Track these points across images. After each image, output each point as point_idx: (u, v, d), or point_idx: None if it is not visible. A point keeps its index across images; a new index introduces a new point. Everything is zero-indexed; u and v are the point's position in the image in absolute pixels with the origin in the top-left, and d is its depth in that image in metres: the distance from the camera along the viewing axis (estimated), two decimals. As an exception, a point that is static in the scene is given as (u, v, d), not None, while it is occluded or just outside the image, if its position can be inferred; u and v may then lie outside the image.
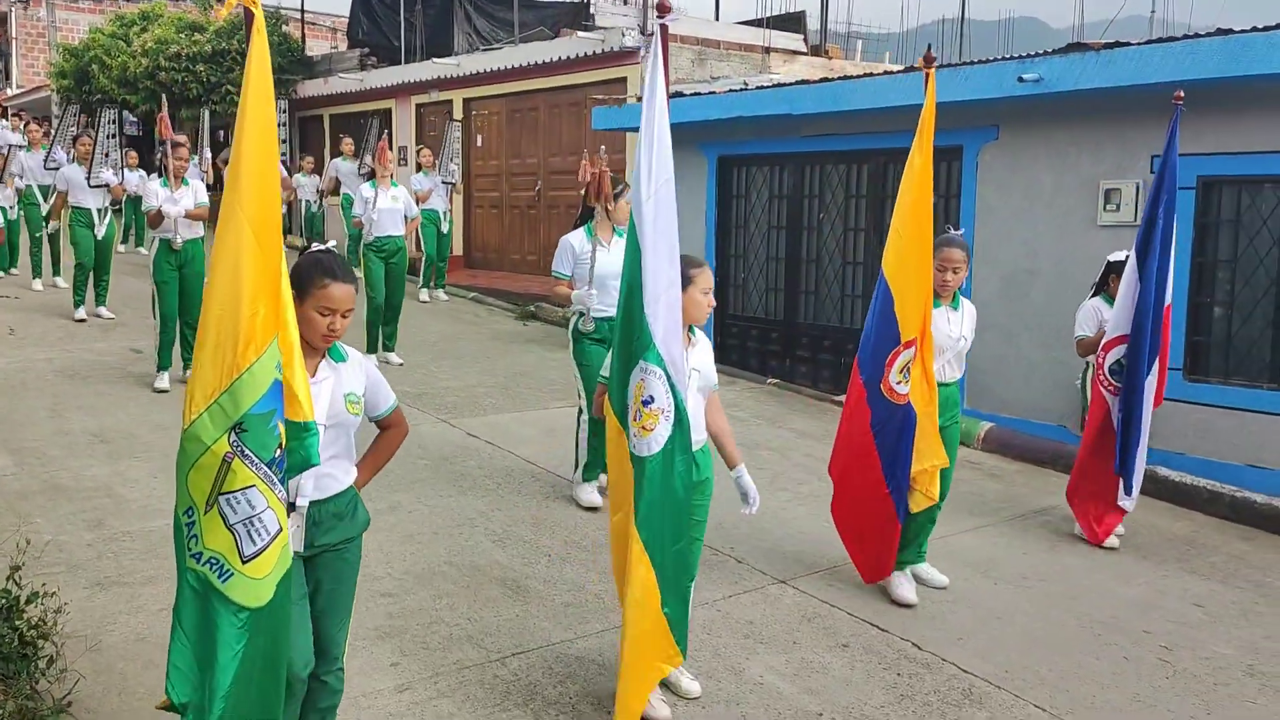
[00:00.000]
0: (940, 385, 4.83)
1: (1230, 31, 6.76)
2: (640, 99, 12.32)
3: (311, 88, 18.22)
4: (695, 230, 11.10)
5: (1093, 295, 6.10)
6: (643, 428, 3.38)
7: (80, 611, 4.17)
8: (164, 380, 7.84)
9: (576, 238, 5.85)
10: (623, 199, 5.80)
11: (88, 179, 10.18)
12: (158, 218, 7.80)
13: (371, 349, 9.12)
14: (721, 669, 4.11)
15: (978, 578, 5.18)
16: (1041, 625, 4.69)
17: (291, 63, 18.53)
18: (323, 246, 3.02)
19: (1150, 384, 5.71)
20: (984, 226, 8.38)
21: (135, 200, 14.02)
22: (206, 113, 13.94)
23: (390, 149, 12.00)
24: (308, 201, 15.03)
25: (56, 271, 12.01)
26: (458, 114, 15.34)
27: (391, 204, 9.16)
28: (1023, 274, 8.08)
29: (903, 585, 4.82)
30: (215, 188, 11.84)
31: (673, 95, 10.88)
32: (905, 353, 4.57)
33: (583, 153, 11.48)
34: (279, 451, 2.70)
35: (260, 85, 2.67)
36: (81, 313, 10.15)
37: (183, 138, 13.20)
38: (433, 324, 11.26)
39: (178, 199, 7.84)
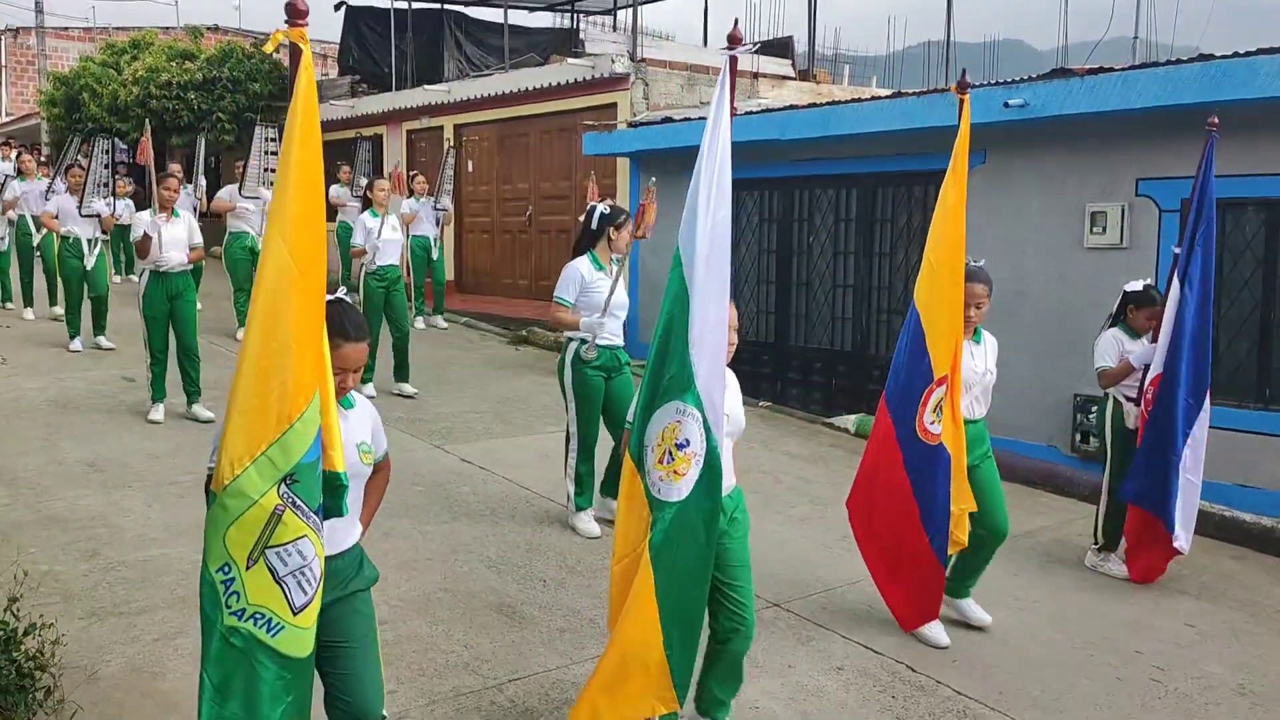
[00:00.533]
0: (968, 422, 4.67)
1: (1210, 57, 6.87)
2: (631, 124, 12.41)
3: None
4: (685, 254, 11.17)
5: (1109, 325, 5.87)
6: (674, 471, 3.23)
7: (77, 642, 4.17)
8: (159, 412, 7.78)
9: (583, 265, 5.79)
10: (625, 229, 5.81)
11: (79, 208, 10.08)
12: (145, 244, 7.65)
13: (366, 379, 8.99)
14: (717, 693, 4.12)
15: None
16: (1034, 646, 4.72)
17: (282, 89, 18.60)
18: (334, 297, 2.92)
19: (1203, 417, 5.41)
20: (972, 249, 8.36)
21: (123, 229, 13.93)
22: (202, 140, 13.89)
23: (403, 176, 11.97)
24: None
25: (53, 301, 11.74)
26: (447, 140, 15.43)
27: (393, 234, 9.06)
28: (1011, 296, 8.15)
29: (933, 626, 4.65)
30: (206, 217, 11.89)
31: (663, 120, 11.01)
32: (938, 390, 4.42)
33: (589, 175, 11.54)
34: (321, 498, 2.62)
35: (307, 124, 2.55)
36: (77, 344, 10.07)
37: (175, 167, 13.20)
38: (424, 349, 11.27)
39: (169, 228, 7.74)
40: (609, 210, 5.92)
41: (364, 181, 13.94)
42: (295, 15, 2.49)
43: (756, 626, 4.75)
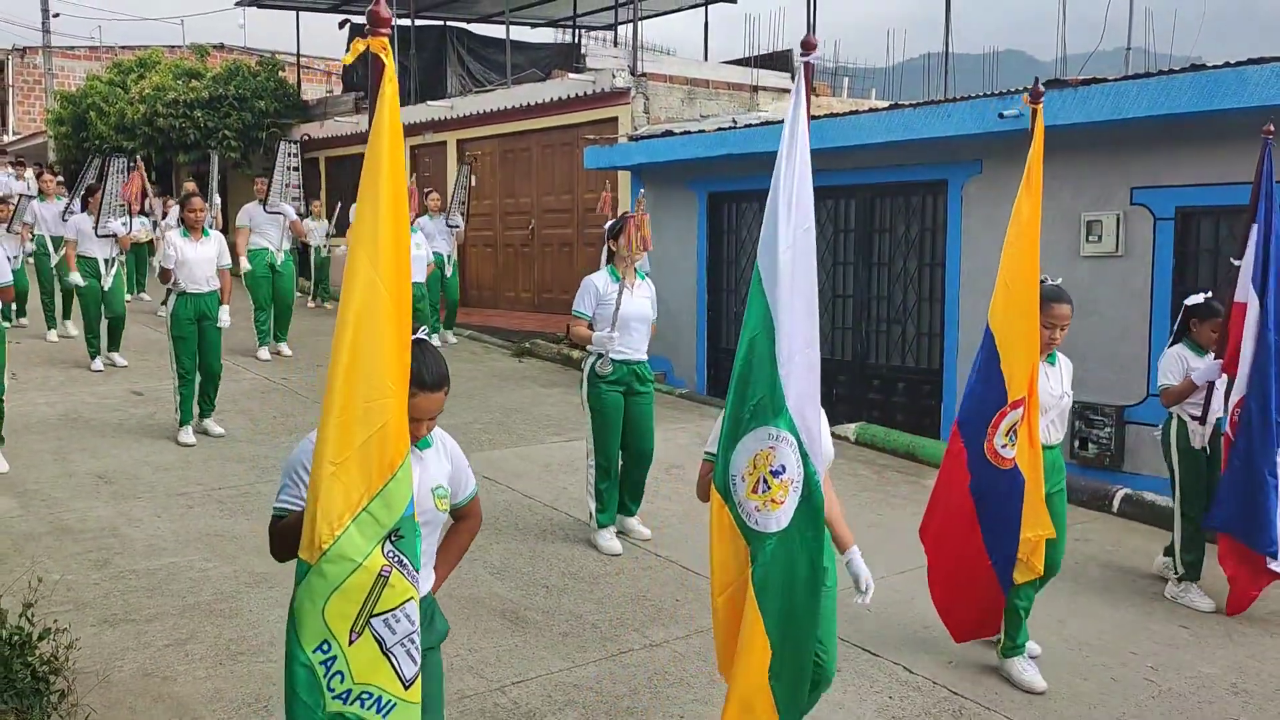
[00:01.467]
0: (1045, 448, 4.40)
1: (1203, 67, 6.97)
2: (631, 138, 12.50)
3: (307, 130, 18.46)
4: (686, 265, 11.28)
5: (1173, 343, 5.58)
6: (771, 500, 3.03)
7: (90, 648, 4.26)
8: (189, 434, 7.67)
9: (600, 278, 5.75)
10: (623, 234, 5.77)
11: (95, 228, 10.06)
12: (168, 275, 7.60)
13: None
14: (718, 694, 4.19)
15: (968, 603, 5.28)
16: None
17: (287, 107, 18.79)
18: (414, 336, 2.55)
19: None
20: (969, 258, 8.55)
21: (138, 247, 13.71)
22: (216, 156, 13.95)
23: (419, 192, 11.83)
24: (317, 248, 14.83)
25: (67, 315, 11.68)
26: (451, 155, 15.56)
27: (415, 250, 9.02)
28: (1008, 304, 8.23)
29: (1027, 670, 4.41)
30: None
31: (663, 134, 11.12)
32: (1012, 413, 4.18)
33: (605, 188, 11.58)
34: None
35: (393, 140, 2.32)
36: (98, 364, 10.00)
37: (191, 185, 13.22)
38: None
39: (199, 248, 7.71)
40: (610, 224, 5.95)
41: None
42: (377, 23, 2.27)
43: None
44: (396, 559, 2.30)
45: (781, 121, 11.32)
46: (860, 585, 3.50)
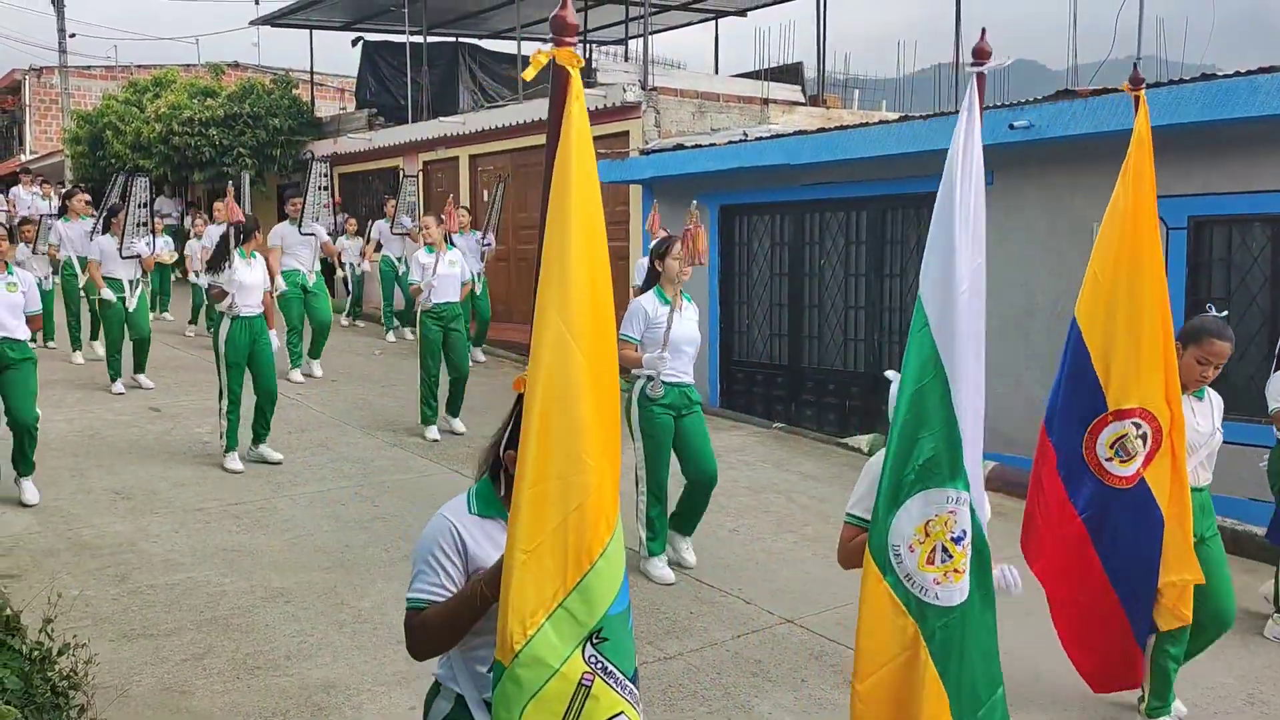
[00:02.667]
0: (1193, 490, 3.99)
1: (1214, 76, 6.97)
2: (643, 152, 12.52)
3: (321, 148, 18.59)
4: (699, 278, 11.30)
5: (1277, 367, 5.27)
6: (954, 570, 2.73)
7: (108, 662, 4.30)
8: (236, 461, 7.51)
9: (649, 301, 5.61)
10: (669, 255, 5.62)
11: (120, 249, 9.95)
12: (220, 295, 7.48)
13: (427, 421, 8.66)
14: (731, 707, 4.21)
15: (983, 614, 5.27)
16: (1046, 658, 4.77)
17: (302, 124, 18.93)
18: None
19: None
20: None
21: (162, 268, 13.47)
22: (247, 176, 13.79)
23: (455, 209, 11.48)
24: (352, 264, 14.63)
25: (94, 336, 11.34)
26: (464, 170, 15.64)
27: (450, 269, 8.63)
28: (1021, 315, 8.23)
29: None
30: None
31: (674, 148, 11.17)
32: (1116, 424, 3.81)
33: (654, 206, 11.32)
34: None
35: (582, 165, 2.03)
36: (119, 386, 9.85)
37: (220, 205, 13.10)
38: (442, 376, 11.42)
39: (252, 271, 7.67)
40: (655, 244, 5.76)
41: (407, 220, 13.74)
42: (563, 31, 2.06)
43: (770, 642, 4.85)
44: (600, 665, 2.00)
45: (793, 134, 11.37)
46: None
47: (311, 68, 20.05)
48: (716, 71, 17.28)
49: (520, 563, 1.98)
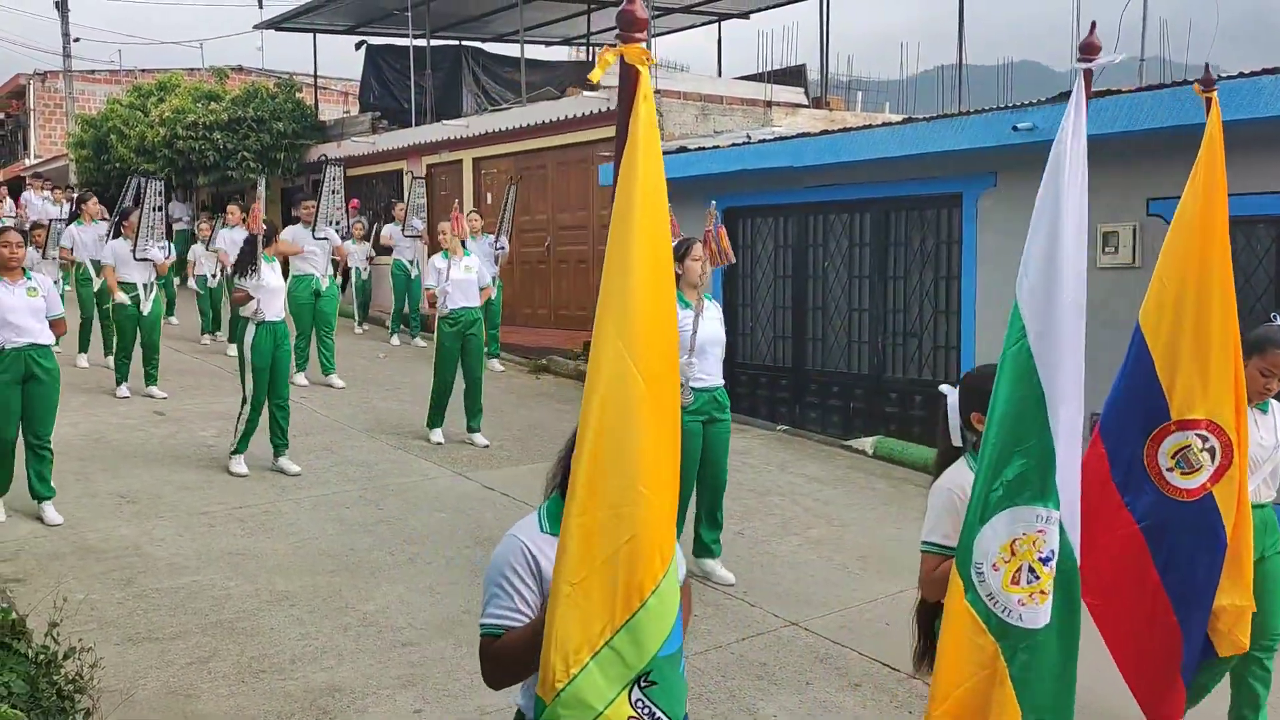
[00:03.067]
0: (1255, 506, 3.82)
1: (1216, 78, 6.96)
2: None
3: (324, 151, 18.63)
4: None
5: None
6: (1040, 591, 2.60)
7: (114, 666, 4.30)
8: (241, 465, 7.46)
9: None
10: (689, 257, 5.45)
11: (134, 252, 9.82)
12: (243, 297, 7.45)
13: (434, 424, 8.58)
14: (736, 710, 4.21)
15: (988, 616, 5.27)
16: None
17: (305, 128, 18.96)
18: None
19: None
20: (985, 271, 8.55)
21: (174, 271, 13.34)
22: (264, 180, 13.63)
23: (463, 214, 11.05)
24: (358, 269, 14.42)
25: (108, 350, 10.94)
26: (467, 174, 15.65)
27: (465, 274, 8.50)
28: (1025, 317, 8.22)
29: None
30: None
31: (678, 150, 11.17)
32: (1179, 435, 3.60)
33: (670, 210, 11.16)
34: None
35: (649, 173, 1.89)
36: (124, 390, 9.77)
37: (235, 209, 12.81)
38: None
39: (274, 275, 7.69)
40: (674, 243, 5.80)
41: (418, 222, 13.62)
42: (631, 26, 1.90)
43: (775, 644, 4.85)
44: (647, 710, 1.88)
45: (796, 136, 11.37)
46: None
47: (315, 71, 20.10)
48: (720, 74, 17.30)
49: (566, 595, 1.87)
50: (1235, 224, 7.17)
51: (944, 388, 3.19)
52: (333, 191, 11.57)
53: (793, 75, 16.04)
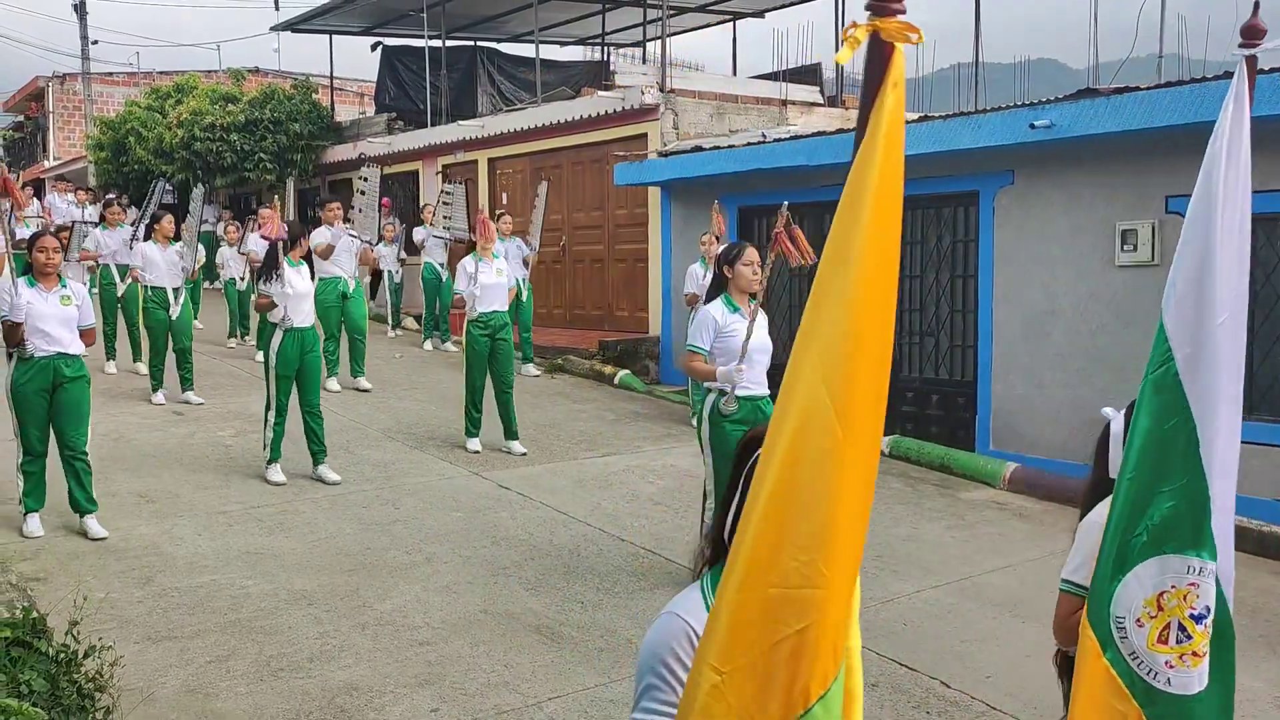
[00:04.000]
0: None
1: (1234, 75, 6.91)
2: (661, 154, 12.49)
3: (340, 152, 18.70)
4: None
5: None
6: (1193, 654, 2.28)
7: (134, 664, 4.33)
8: (278, 473, 7.31)
9: (718, 310, 5.31)
10: (740, 261, 5.31)
11: (179, 257, 9.71)
12: (266, 303, 7.30)
13: (470, 433, 8.39)
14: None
15: (1005, 616, 5.25)
16: None
17: (321, 129, 19.04)
18: None
19: None
20: (1003, 269, 8.51)
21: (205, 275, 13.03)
22: (291, 182, 13.41)
23: (492, 219, 10.34)
24: (390, 272, 14.17)
25: (136, 356, 11.00)
26: (482, 173, 15.68)
27: (496, 277, 8.32)
28: (1043, 315, 8.19)
29: None
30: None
31: (693, 149, 11.17)
32: None
33: (714, 206, 9.91)
34: None
35: (887, 174, 1.52)
36: (160, 397, 9.63)
37: (266, 212, 12.55)
38: (461, 379, 11.46)
39: (302, 280, 7.47)
40: (722, 250, 5.48)
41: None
42: None
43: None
44: None
45: (812, 135, 11.34)
46: None
47: (331, 72, 20.17)
48: (735, 73, 17.27)
49: (711, 685, 1.54)
50: (1257, 221, 7.13)
51: (1107, 411, 2.86)
52: (359, 193, 11.24)
53: (808, 74, 16.00)
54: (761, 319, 5.37)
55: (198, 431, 8.68)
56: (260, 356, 11.64)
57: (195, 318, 13.32)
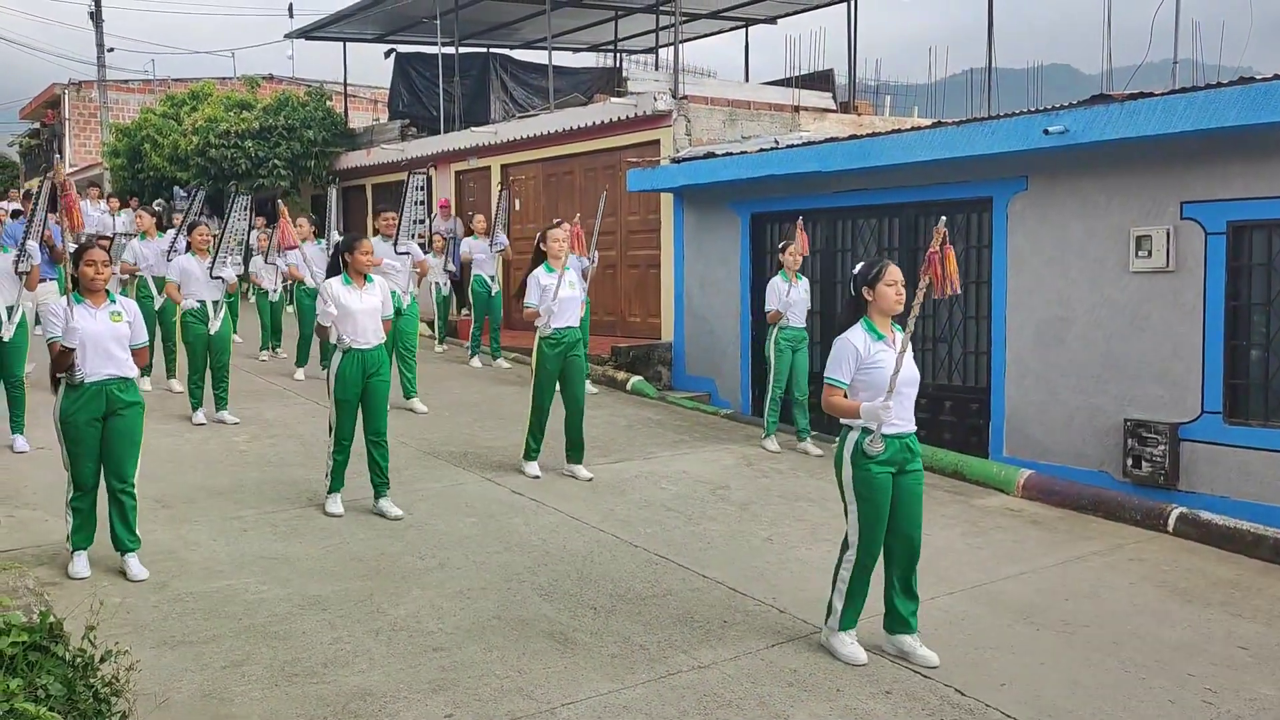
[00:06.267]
0: None
1: (1252, 79, 6.89)
2: (674, 160, 12.53)
3: (354, 159, 18.79)
4: (730, 287, 11.30)
5: None
6: None
7: (150, 669, 4.35)
8: (338, 504, 6.79)
9: (858, 337, 4.71)
10: (882, 281, 4.72)
11: (210, 269, 9.33)
12: (325, 331, 6.76)
13: (530, 456, 7.87)
14: (767, 717, 4.19)
15: (1020, 623, 5.23)
16: (1085, 670, 4.72)
17: (335, 135, 19.13)
18: None
19: None
20: (1016, 275, 8.49)
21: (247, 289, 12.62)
22: (334, 190, 13.07)
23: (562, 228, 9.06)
24: (437, 284, 13.75)
25: (171, 373, 10.70)
26: (495, 180, 15.71)
27: (570, 291, 7.76)
28: (1057, 321, 8.16)
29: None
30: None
31: (705, 156, 11.18)
32: None
33: (798, 222, 9.26)
34: None
35: None
36: (200, 416, 9.20)
37: (305, 222, 11.54)
38: (475, 384, 11.49)
39: (364, 297, 6.78)
40: (860, 268, 4.86)
41: (504, 237, 12.79)
42: None
43: (805, 651, 4.83)
44: None
45: (824, 141, 11.37)
46: None
47: (345, 79, 20.27)
48: (747, 79, 17.30)
49: None
50: (1273, 227, 7.10)
51: None
52: (416, 203, 10.71)
53: (820, 80, 16.01)
54: (908, 346, 4.74)
55: (213, 438, 8.72)
56: (299, 374, 11.40)
57: (234, 332, 12.34)
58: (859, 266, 4.86)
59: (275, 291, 12.76)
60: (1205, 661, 4.82)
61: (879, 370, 4.64)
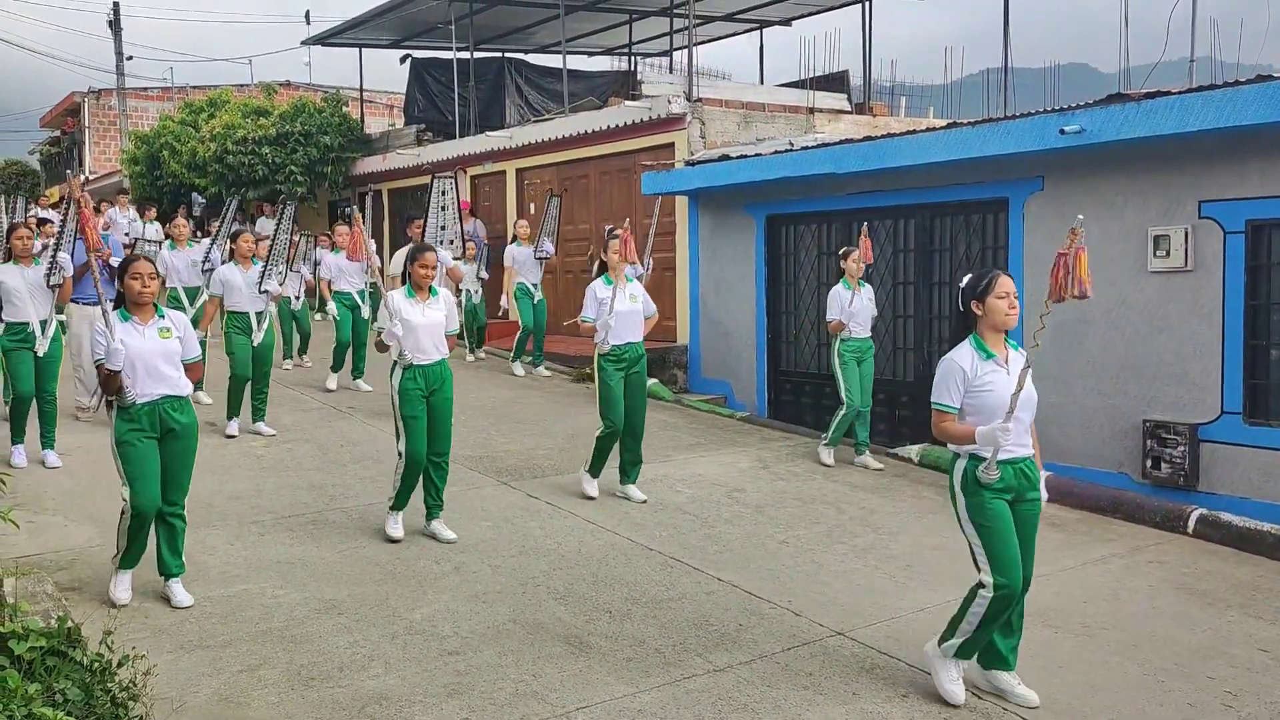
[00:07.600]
0: None
1: (1270, 77, 6.83)
2: (689, 163, 12.54)
3: (370, 164, 18.86)
4: (745, 289, 11.29)
5: None
6: None
7: (167, 673, 4.37)
8: (397, 527, 6.40)
9: (965, 357, 4.37)
10: (991, 294, 4.34)
11: (259, 282, 9.10)
12: (385, 348, 6.35)
13: (595, 473, 7.44)
14: (782, 721, 4.18)
15: (1039, 626, 5.19)
16: (1104, 673, 4.69)
17: (351, 141, 19.21)
18: None
19: None
20: (1033, 276, 8.44)
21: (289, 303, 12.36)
22: (370, 197, 12.87)
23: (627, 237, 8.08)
24: (468, 291, 13.08)
25: (199, 385, 9.85)
26: (511, 184, 15.74)
27: (630, 304, 7.38)
28: (1075, 322, 8.11)
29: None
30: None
31: (720, 158, 11.17)
32: None
33: (863, 230, 8.77)
34: None
35: None
36: (234, 428, 9.01)
37: (343, 229, 10.95)
38: (491, 388, 11.51)
39: (427, 311, 6.34)
40: (967, 280, 4.48)
41: (549, 245, 12.47)
42: None
43: (821, 654, 4.81)
44: None
45: (839, 143, 11.35)
46: None
47: (361, 85, 20.36)
48: (761, 81, 17.28)
49: None
50: (1270, 226, 7.04)
51: None
52: (441, 208, 10.49)
53: (835, 81, 15.98)
54: (1018, 360, 4.39)
55: (230, 443, 8.76)
56: (332, 383, 11.14)
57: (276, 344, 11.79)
58: (966, 278, 4.47)
59: (298, 300, 12.62)
60: (1225, 664, 4.77)
61: (988, 394, 4.27)
